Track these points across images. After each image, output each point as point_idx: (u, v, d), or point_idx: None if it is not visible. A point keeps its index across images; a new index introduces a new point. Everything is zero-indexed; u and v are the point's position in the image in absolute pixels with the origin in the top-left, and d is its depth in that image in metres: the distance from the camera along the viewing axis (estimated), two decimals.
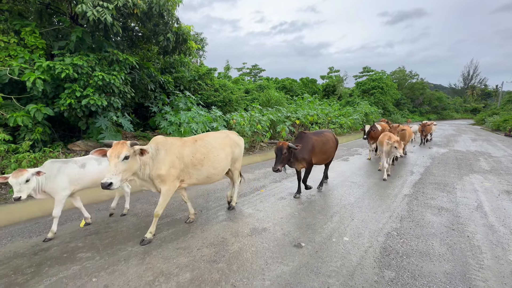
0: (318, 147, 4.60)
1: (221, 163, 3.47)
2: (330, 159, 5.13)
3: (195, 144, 3.33)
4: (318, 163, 4.80)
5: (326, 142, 4.82)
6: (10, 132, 5.20)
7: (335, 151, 5.21)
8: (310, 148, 4.47)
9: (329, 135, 5.03)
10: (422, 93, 40.39)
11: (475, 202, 4.65)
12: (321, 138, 4.75)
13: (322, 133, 4.95)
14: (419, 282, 2.44)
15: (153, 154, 2.92)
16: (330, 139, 4.96)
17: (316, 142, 4.60)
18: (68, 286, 2.28)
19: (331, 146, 4.92)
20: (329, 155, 4.96)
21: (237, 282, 2.37)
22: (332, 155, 5.08)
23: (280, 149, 4.05)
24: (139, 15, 6.28)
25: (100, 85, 5.79)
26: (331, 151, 4.98)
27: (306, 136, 4.58)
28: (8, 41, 5.51)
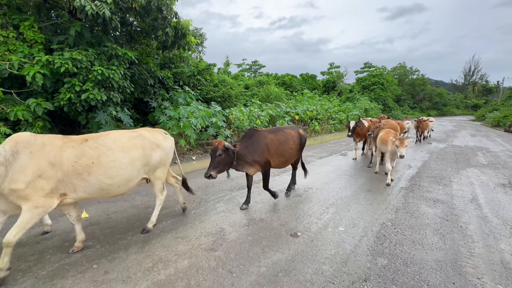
0: (274, 147, 3.82)
1: (121, 171, 2.62)
2: (291, 161, 4.27)
3: (82, 144, 2.50)
4: (277, 166, 4.05)
5: (285, 142, 3.98)
6: (10, 126, 5.25)
7: (299, 151, 4.39)
8: (263, 149, 3.72)
9: (291, 133, 4.17)
10: (423, 89, 40.30)
11: (470, 195, 4.72)
12: (278, 137, 3.94)
13: (281, 130, 4.13)
14: (410, 268, 2.51)
15: (7, 159, 2.14)
16: (291, 138, 4.11)
17: (271, 142, 3.82)
18: (69, 272, 2.35)
19: (290, 147, 4.05)
20: (289, 157, 4.09)
21: (233, 269, 2.44)
22: (294, 156, 4.22)
23: (214, 150, 3.36)
24: (138, 10, 6.28)
25: (99, 80, 5.81)
26: (292, 152, 4.11)
27: (258, 134, 3.82)
28: (7, 36, 5.53)
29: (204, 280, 2.27)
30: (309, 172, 6.00)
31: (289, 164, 4.32)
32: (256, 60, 29.60)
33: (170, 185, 3.69)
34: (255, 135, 3.79)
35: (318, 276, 2.37)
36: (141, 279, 2.27)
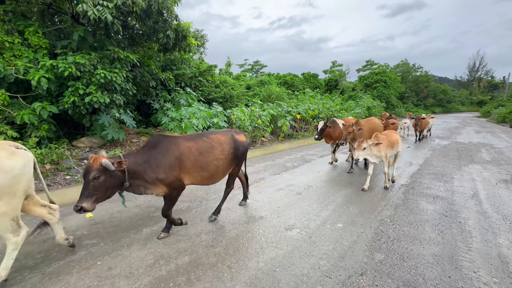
0: (191, 158, 2.87)
1: None
2: (221, 176, 3.26)
3: None
4: (198, 183, 3.08)
5: (208, 151, 3.01)
6: (17, 129, 5.40)
7: (234, 163, 3.38)
8: (171, 162, 2.75)
9: (219, 139, 3.17)
10: (427, 86, 39.92)
11: (471, 191, 4.71)
12: (197, 144, 2.98)
13: (204, 136, 3.13)
14: (407, 263, 2.55)
15: None
16: (218, 146, 3.11)
17: (187, 151, 2.87)
18: (74, 268, 2.44)
19: (217, 157, 3.06)
20: (215, 170, 3.08)
21: (232, 264, 2.50)
22: (224, 169, 3.23)
23: (86, 172, 2.38)
24: (139, 13, 6.39)
25: (102, 83, 5.93)
26: (220, 165, 3.10)
27: (166, 142, 2.83)
28: (12, 41, 5.68)
29: (204, 275, 2.34)
30: (311, 171, 6.06)
31: (219, 180, 3.30)
32: (257, 60, 29.68)
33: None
34: (162, 144, 2.81)
35: (315, 270, 2.42)
36: (143, 274, 2.35)
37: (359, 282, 2.27)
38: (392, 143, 4.84)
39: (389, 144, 4.75)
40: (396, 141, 4.97)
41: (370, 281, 2.28)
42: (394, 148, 4.94)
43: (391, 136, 4.97)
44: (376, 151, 4.45)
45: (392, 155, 5.02)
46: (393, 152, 4.95)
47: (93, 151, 6.38)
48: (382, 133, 4.97)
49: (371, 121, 6.58)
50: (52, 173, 5.17)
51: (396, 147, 4.99)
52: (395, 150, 4.99)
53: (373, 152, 4.43)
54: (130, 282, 2.24)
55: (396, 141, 4.98)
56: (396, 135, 5.19)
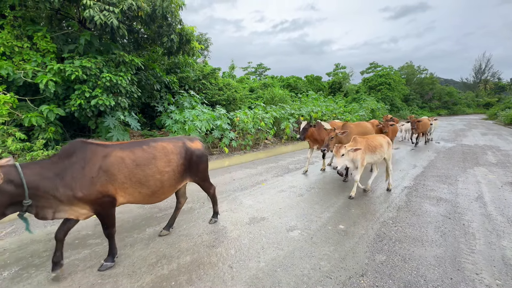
0: (124, 172, 2.36)
1: None
2: (168, 192, 2.72)
3: None
4: (137, 201, 2.56)
5: (148, 163, 2.49)
6: (25, 131, 5.53)
7: (188, 176, 2.90)
8: (93, 174, 2.22)
9: (164, 148, 2.67)
10: (432, 88, 39.56)
11: (476, 193, 4.66)
12: (135, 155, 2.45)
13: (144, 144, 2.61)
14: (408, 264, 2.54)
15: None
16: (163, 156, 2.61)
17: (119, 163, 2.35)
18: (79, 266, 2.49)
19: (161, 170, 2.56)
20: (159, 186, 2.57)
21: (233, 264, 2.53)
22: (172, 185, 2.71)
23: None
24: (144, 18, 6.52)
25: (108, 86, 6.05)
26: (165, 179, 2.60)
27: (87, 150, 2.29)
28: (22, 46, 5.84)
29: (205, 274, 2.37)
30: (314, 173, 6.05)
31: (165, 197, 2.75)
32: (261, 63, 29.85)
33: None
34: (81, 152, 2.24)
35: (315, 271, 2.43)
36: (145, 273, 2.39)
37: (359, 282, 2.28)
38: (373, 147, 4.34)
39: (369, 149, 4.29)
40: (379, 146, 4.44)
41: (371, 282, 2.28)
42: (378, 153, 4.39)
43: (374, 140, 4.48)
44: (355, 157, 4.11)
45: (376, 161, 4.49)
46: (375, 157, 4.38)
47: None
48: (364, 137, 4.51)
49: (361, 125, 6.07)
50: None
51: (380, 151, 4.43)
52: (378, 155, 4.42)
53: (352, 158, 4.09)
54: (132, 281, 2.28)
55: (379, 145, 4.45)
56: (381, 139, 4.64)
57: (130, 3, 5.91)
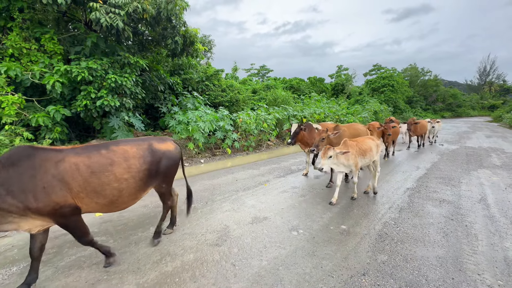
0: (79, 180, 2.14)
1: None
2: (129, 201, 2.45)
3: None
4: (99, 211, 2.35)
5: (104, 170, 2.23)
6: (32, 131, 5.63)
7: (157, 180, 2.62)
8: (46, 183, 2.03)
9: (126, 152, 2.40)
10: (436, 90, 39.35)
11: (479, 195, 4.65)
12: (90, 160, 2.21)
13: (103, 149, 2.34)
14: (410, 264, 2.55)
15: None
16: (122, 162, 2.33)
17: (73, 170, 2.14)
18: (85, 263, 2.54)
19: (119, 177, 2.29)
20: (118, 196, 2.32)
21: (236, 262, 2.56)
22: (137, 193, 2.46)
23: None
24: (149, 20, 6.62)
25: (113, 87, 6.15)
26: (124, 187, 2.33)
27: (36, 157, 2.08)
28: (29, 48, 5.97)
29: (208, 271, 2.41)
30: (316, 174, 6.07)
31: (127, 206, 2.48)
32: (264, 65, 29.94)
33: None
34: (29, 159, 2.04)
35: (317, 270, 2.45)
36: (150, 270, 2.43)
37: (361, 281, 2.30)
38: (363, 151, 4.21)
39: (360, 152, 4.16)
40: (369, 149, 4.31)
41: (372, 281, 2.30)
42: (367, 157, 4.28)
43: (364, 143, 4.34)
44: (344, 160, 3.92)
45: (364, 164, 4.38)
46: (365, 160, 4.26)
47: None
48: (355, 140, 4.38)
49: (353, 127, 5.90)
50: None
51: (370, 155, 4.32)
52: (368, 159, 4.30)
53: (341, 161, 3.91)
54: (137, 277, 2.33)
55: (369, 148, 4.32)
56: (371, 142, 4.50)
57: (135, 6, 6.01)
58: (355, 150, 4.08)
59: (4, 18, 5.89)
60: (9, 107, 5.14)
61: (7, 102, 5.14)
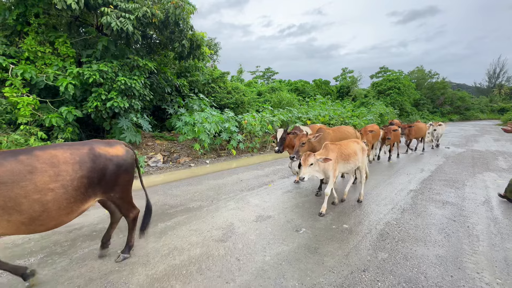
0: None
1: None
2: (59, 217, 2.04)
3: None
4: (14, 232, 1.93)
5: (20, 179, 1.84)
6: (45, 131, 5.86)
7: (101, 189, 2.23)
8: None
9: (54, 157, 2.01)
10: (443, 93, 38.87)
11: (483, 198, 4.65)
12: (2, 169, 1.82)
13: (23, 154, 1.95)
14: (410, 262, 2.61)
15: None
16: (47, 169, 1.94)
17: None
18: (98, 255, 2.68)
19: (40, 188, 1.89)
20: (42, 211, 1.92)
21: (241, 257, 2.66)
22: (71, 206, 2.05)
23: None
24: (157, 24, 6.83)
25: (122, 89, 6.35)
26: (51, 201, 1.94)
27: None
28: (44, 51, 6.23)
29: (213, 265, 2.51)
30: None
31: (58, 224, 2.10)
32: (269, 67, 30.12)
33: None
34: None
35: (319, 265, 2.54)
36: (158, 263, 2.55)
37: (361, 277, 2.37)
38: (347, 155, 3.89)
39: (342, 157, 3.85)
40: (353, 153, 3.99)
41: (372, 277, 2.37)
42: (351, 162, 3.96)
43: (347, 147, 4.00)
44: (326, 166, 3.67)
45: (349, 170, 4.11)
46: (349, 166, 3.97)
47: None
48: (337, 143, 4.01)
49: (341, 130, 5.38)
50: None
51: (354, 160, 4.00)
52: (352, 164, 4.00)
53: (322, 168, 3.65)
54: (147, 269, 2.45)
55: (353, 152, 4.00)
56: (355, 145, 4.14)
57: (145, 11, 6.22)
58: (336, 155, 3.76)
59: (21, 23, 6.17)
60: (24, 108, 5.37)
61: (23, 103, 5.37)
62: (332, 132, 5.08)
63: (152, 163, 6.88)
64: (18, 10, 6.02)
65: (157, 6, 6.62)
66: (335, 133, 5.14)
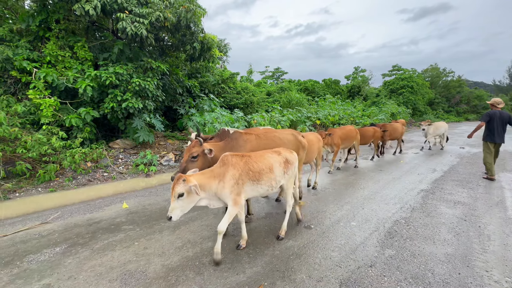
0: None
1: None
2: None
3: None
4: None
5: None
6: (65, 131, 6.18)
7: None
8: None
9: None
10: (459, 92, 37.63)
11: (497, 198, 4.56)
12: None
13: None
14: (417, 259, 2.64)
15: None
16: None
17: None
18: (117, 246, 2.86)
19: None
20: None
21: (250, 251, 2.77)
22: None
23: None
24: (169, 27, 7.05)
25: (137, 90, 6.61)
26: None
27: None
28: (64, 55, 6.57)
29: (225, 257, 2.64)
30: (328, 175, 6.17)
31: None
32: (278, 67, 30.16)
33: None
34: None
35: (326, 260, 2.61)
36: (173, 254, 2.70)
37: (367, 272, 2.43)
38: (256, 172, 2.64)
39: (249, 175, 2.60)
40: (266, 169, 2.72)
41: (379, 272, 2.42)
42: (264, 182, 2.70)
43: (260, 160, 2.74)
44: (219, 190, 2.49)
45: (263, 193, 2.80)
46: (261, 188, 2.71)
47: (126, 152, 7.05)
48: (244, 155, 2.72)
49: (269, 134, 3.55)
50: (93, 170, 5.83)
51: (268, 179, 2.73)
52: (266, 185, 2.73)
53: (214, 193, 2.51)
54: (162, 259, 2.60)
55: (267, 168, 2.73)
56: (272, 157, 2.85)
57: (158, 15, 6.45)
58: (238, 172, 2.55)
59: (43, 29, 6.53)
60: (46, 109, 5.69)
61: (45, 104, 5.70)
62: (254, 139, 3.40)
63: (164, 162, 7.10)
64: (40, 17, 6.38)
65: (169, 10, 6.83)
66: (259, 140, 3.42)
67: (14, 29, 6.72)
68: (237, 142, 3.30)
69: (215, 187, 2.49)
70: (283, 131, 3.81)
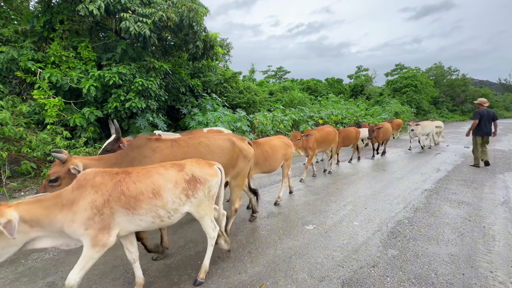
0: None
1: None
2: None
3: None
4: None
5: None
6: (69, 130, 6.24)
7: None
8: None
9: None
10: (464, 90, 37.19)
11: (502, 198, 4.50)
12: None
13: None
14: (420, 260, 2.62)
15: None
16: None
17: None
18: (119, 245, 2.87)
19: None
20: None
21: (252, 250, 2.78)
22: None
23: None
24: (172, 27, 7.07)
25: (140, 90, 6.64)
26: None
27: None
28: (68, 55, 6.62)
29: (227, 257, 2.64)
30: (330, 175, 6.15)
31: None
32: (281, 67, 30.09)
33: None
34: None
35: (328, 260, 2.60)
36: (175, 253, 2.72)
37: (370, 272, 2.42)
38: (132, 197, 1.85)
39: (121, 202, 1.82)
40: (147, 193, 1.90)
41: (381, 272, 2.41)
42: (142, 211, 1.89)
43: (142, 180, 1.93)
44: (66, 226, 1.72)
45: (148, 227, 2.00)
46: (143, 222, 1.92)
47: None
48: (112, 172, 1.95)
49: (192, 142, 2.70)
50: None
51: (148, 207, 1.90)
52: (146, 215, 1.91)
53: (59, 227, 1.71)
54: (165, 259, 2.62)
55: (147, 192, 1.90)
56: (164, 175, 2.00)
57: (160, 15, 6.47)
58: (103, 197, 1.80)
59: (47, 30, 6.59)
60: (51, 109, 5.75)
61: (49, 104, 5.75)
62: (168, 147, 2.57)
63: None
64: (44, 18, 6.44)
65: (172, 10, 6.85)
66: (176, 149, 2.58)
67: (19, 30, 6.79)
68: (141, 152, 2.43)
69: (62, 220, 1.69)
70: (217, 136, 2.94)
